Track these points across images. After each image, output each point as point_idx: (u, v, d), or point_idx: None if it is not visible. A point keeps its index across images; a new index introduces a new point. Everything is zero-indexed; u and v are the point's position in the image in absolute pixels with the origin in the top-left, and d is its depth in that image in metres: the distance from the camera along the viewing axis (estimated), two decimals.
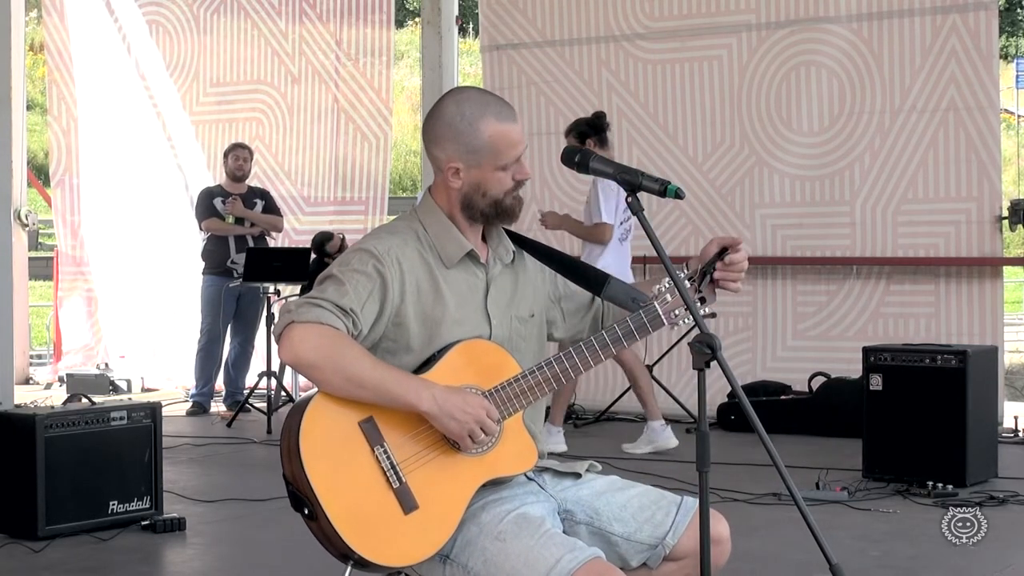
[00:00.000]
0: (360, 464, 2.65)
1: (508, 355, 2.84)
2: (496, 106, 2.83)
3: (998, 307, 8.49)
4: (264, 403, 8.79)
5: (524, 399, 2.78)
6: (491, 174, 2.82)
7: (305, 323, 2.66)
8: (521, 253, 3.00)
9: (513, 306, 2.93)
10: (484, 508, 2.73)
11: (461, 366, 2.78)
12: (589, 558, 2.61)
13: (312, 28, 10.82)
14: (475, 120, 2.79)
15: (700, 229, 9.17)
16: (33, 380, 11.81)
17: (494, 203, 2.85)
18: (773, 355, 8.97)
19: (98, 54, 11.47)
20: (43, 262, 14.60)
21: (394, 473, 2.66)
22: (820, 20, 8.81)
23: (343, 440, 2.66)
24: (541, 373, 2.79)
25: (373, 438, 2.66)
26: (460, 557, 2.70)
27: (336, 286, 2.73)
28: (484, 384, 2.77)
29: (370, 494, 2.64)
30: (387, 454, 2.66)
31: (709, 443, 2.59)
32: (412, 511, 2.65)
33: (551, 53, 9.69)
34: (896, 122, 8.59)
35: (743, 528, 4.86)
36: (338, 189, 10.79)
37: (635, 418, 8.75)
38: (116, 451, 5.49)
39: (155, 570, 5.15)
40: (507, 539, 2.65)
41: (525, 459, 2.82)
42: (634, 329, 2.81)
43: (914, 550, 5.11)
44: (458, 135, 2.81)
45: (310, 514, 2.63)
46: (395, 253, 2.79)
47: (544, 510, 2.79)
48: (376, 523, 2.63)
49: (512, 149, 2.82)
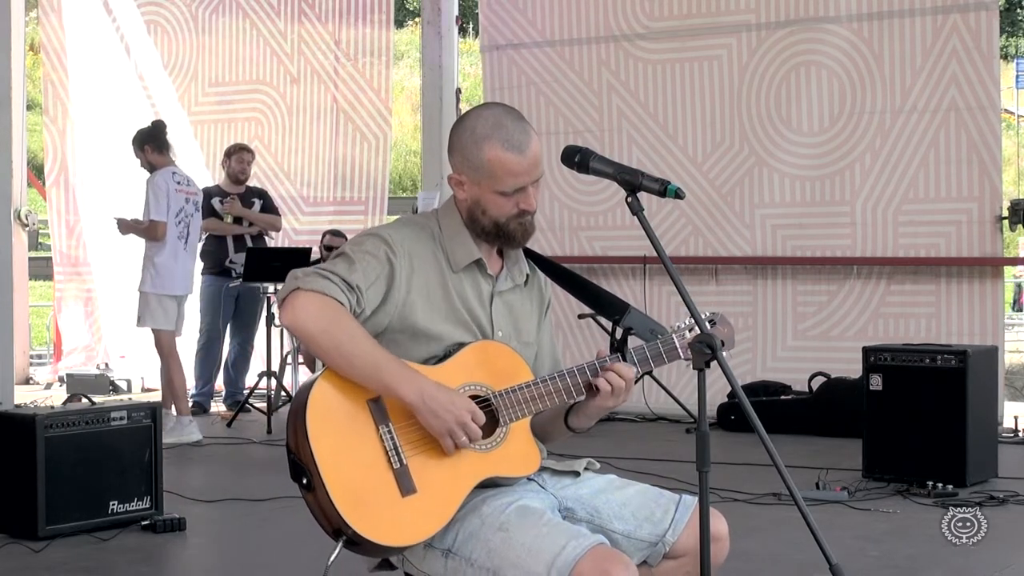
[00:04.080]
0: (363, 441, 2.66)
1: (522, 361, 2.87)
2: (508, 132, 2.79)
3: (998, 307, 8.49)
4: (264, 403, 8.79)
5: (533, 405, 2.80)
6: (490, 195, 2.82)
7: (310, 291, 2.68)
8: (534, 282, 3.02)
9: (518, 328, 2.95)
10: (485, 501, 2.73)
11: (474, 364, 2.79)
12: (594, 544, 2.62)
13: (311, 28, 10.82)
14: (481, 140, 2.79)
15: (700, 229, 9.17)
16: (33, 380, 11.82)
17: (495, 224, 2.85)
18: (773, 355, 8.97)
19: (96, 54, 11.48)
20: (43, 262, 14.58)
21: (396, 454, 2.67)
22: (820, 20, 8.81)
23: (350, 415, 2.67)
24: (553, 384, 2.81)
25: (379, 417, 2.68)
26: (463, 550, 2.70)
27: (346, 263, 2.75)
28: (495, 385, 2.79)
29: (370, 472, 2.65)
30: (391, 435, 2.68)
31: (709, 443, 2.60)
32: (409, 494, 2.66)
33: (551, 53, 9.69)
34: (896, 122, 8.59)
35: (743, 528, 4.85)
36: (338, 189, 10.79)
37: (635, 418, 8.76)
38: (116, 451, 5.48)
39: (155, 570, 5.14)
40: (511, 529, 2.66)
41: (528, 463, 2.82)
42: (650, 357, 2.88)
43: (914, 550, 5.11)
44: (464, 149, 2.83)
45: (308, 484, 2.63)
46: (408, 246, 2.81)
47: (544, 504, 2.80)
48: (372, 501, 2.64)
49: (510, 178, 2.80)
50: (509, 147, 2.78)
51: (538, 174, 2.84)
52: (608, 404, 2.85)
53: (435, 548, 2.73)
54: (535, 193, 2.85)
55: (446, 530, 2.71)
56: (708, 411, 2.63)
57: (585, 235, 9.56)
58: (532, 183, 2.83)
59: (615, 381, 2.82)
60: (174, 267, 8.18)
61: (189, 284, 8.41)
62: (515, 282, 2.97)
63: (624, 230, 9.21)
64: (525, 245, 2.95)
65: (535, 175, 2.83)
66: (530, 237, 2.91)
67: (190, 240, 8.28)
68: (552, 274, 3.08)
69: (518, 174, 2.80)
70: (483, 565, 2.66)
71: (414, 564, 2.78)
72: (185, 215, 8.23)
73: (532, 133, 2.83)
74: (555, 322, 3.11)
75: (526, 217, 2.86)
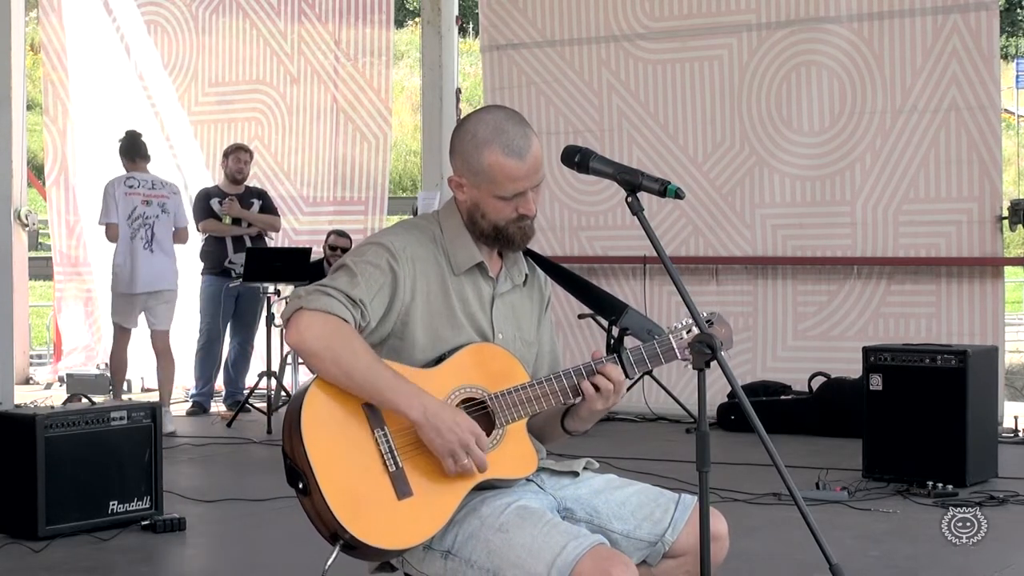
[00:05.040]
0: (359, 445, 2.66)
1: (517, 363, 2.87)
2: (509, 138, 2.79)
3: (998, 307, 8.49)
4: (264, 403, 8.79)
5: (529, 407, 2.80)
6: (488, 199, 2.83)
7: (313, 311, 2.68)
8: (534, 281, 3.02)
9: (518, 327, 2.95)
10: (484, 502, 2.73)
11: (469, 367, 2.79)
12: (593, 544, 2.62)
13: (311, 28, 10.82)
14: (481, 145, 2.79)
15: (700, 229, 9.17)
16: (33, 380, 11.82)
17: (494, 227, 2.85)
18: (773, 355, 8.97)
19: (96, 54, 11.47)
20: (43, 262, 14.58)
21: (392, 457, 2.67)
22: (821, 20, 8.81)
23: (345, 419, 2.67)
24: (549, 385, 2.81)
25: (375, 421, 2.68)
26: (462, 551, 2.70)
27: (348, 276, 2.75)
28: (491, 387, 2.78)
29: (366, 475, 2.64)
30: (387, 438, 2.68)
31: (709, 443, 2.59)
32: (406, 497, 2.65)
33: (551, 53, 9.68)
34: (897, 122, 8.59)
35: (743, 528, 4.86)
36: (338, 189, 10.79)
37: (635, 418, 8.77)
38: (116, 451, 5.48)
39: (155, 570, 5.14)
40: (510, 530, 2.66)
41: (525, 465, 2.82)
42: (647, 358, 2.88)
43: (914, 550, 5.11)
44: (464, 152, 2.83)
45: (304, 489, 2.63)
46: (410, 252, 2.81)
47: (543, 504, 2.79)
48: (368, 504, 2.63)
49: (510, 183, 2.80)
50: (509, 153, 2.78)
51: (538, 179, 2.84)
52: (597, 407, 2.84)
53: (434, 550, 2.72)
54: (535, 198, 2.85)
55: (445, 531, 2.71)
56: (708, 411, 2.63)
57: (585, 235, 9.56)
58: (532, 188, 2.83)
59: (603, 384, 2.81)
60: (129, 267, 8.61)
61: (158, 281, 8.72)
62: (515, 282, 2.97)
63: (624, 230, 9.21)
64: (525, 248, 2.95)
65: (535, 180, 2.83)
66: (529, 241, 2.92)
67: (155, 240, 8.69)
68: (552, 274, 3.08)
69: (517, 179, 2.80)
70: (483, 566, 2.66)
71: (414, 565, 2.77)
72: (140, 216, 8.66)
73: (533, 138, 2.82)
74: (555, 322, 3.11)
75: (525, 221, 2.86)
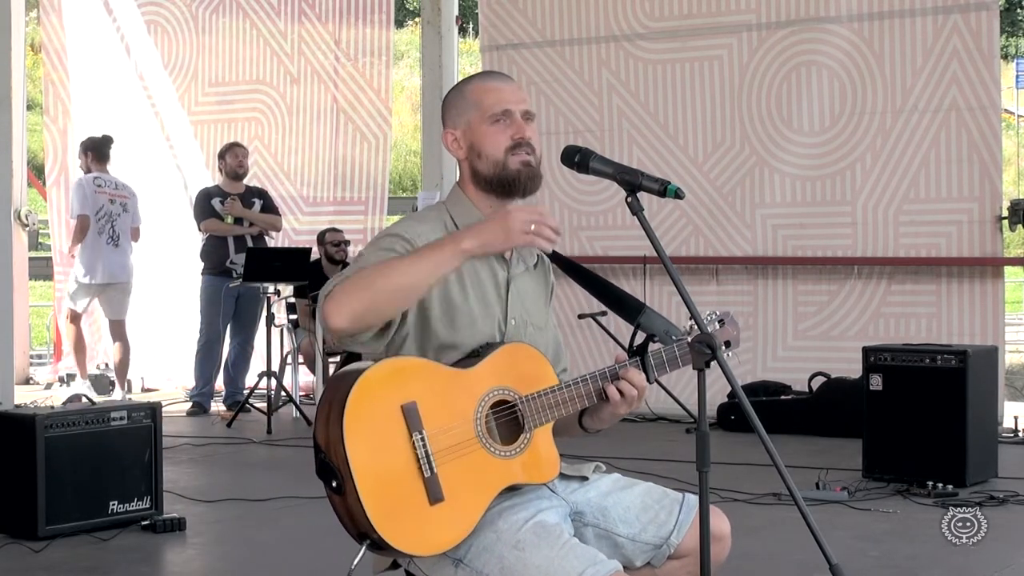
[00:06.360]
0: (397, 447, 2.63)
1: (548, 364, 2.85)
2: (487, 74, 3.00)
3: (999, 307, 8.49)
4: (264, 403, 8.78)
5: (557, 411, 2.79)
6: (480, 129, 2.85)
7: (328, 295, 2.65)
8: (542, 266, 3.01)
9: (529, 312, 2.94)
10: (500, 515, 2.70)
11: (504, 368, 2.77)
12: (611, 572, 2.59)
13: (311, 28, 10.82)
14: (462, 87, 2.94)
15: (700, 229, 9.17)
16: (33, 380, 11.81)
17: (495, 166, 2.84)
18: (773, 355, 8.97)
19: (96, 54, 11.46)
20: (43, 262, 14.58)
21: (427, 462, 2.64)
22: (821, 20, 8.81)
23: (384, 421, 2.64)
24: (576, 389, 2.80)
25: (413, 423, 2.64)
26: (475, 562, 2.67)
27: (365, 261, 2.73)
28: (522, 390, 2.77)
29: (402, 478, 2.62)
30: (424, 442, 2.64)
31: (709, 443, 2.59)
32: (437, 503, 2.63)
33: (551, 53, 9.69)
34: (897, 122, 8.59)
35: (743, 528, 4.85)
36: (338, 189, 10.79)
37: (635, 418, 8.76)
38: (116, 451, 5.48)
39: (155, 570, 5.14)
40: (526, 548, 2.63)
41: (550, 469, 2.81)
42: (666, 361, 2.88)
43: (914, 550, 5.11)
44: (449, 105, 2.93)
45: (338, 488, 2.59)
46: (424, 239, 2.79)
47: (558, 516, 2.78)
48: (402, 508, 2.61)
49: (494, 95, 2.87)
50: (488, 79, 2.96)
51: (525, 106, 2.90)
52: (620, 411, 2.84)
53: (446, 556, 2.69)
54: (529, 129, 2.87)
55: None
56: (708, 411, 2.63)
57: (585, 235, 9.56)
58: (521, 114, 2.87)
59: (627, 390, 2.81)
60: (90, 258, 9.65)
61: (118, 274, 9.79)
62: (527, 264, 2.96)
63: (624, 230, 9.21)
64: (533, 193, 2.90)
65: (521, 104, 2.89)
66: (536, 184, 2.88)
67: (117, 236, 9.73)
68: (571, 273, 3.06)
69: (502, 94, 2.88)
70: None
71: (422, 568, 2.75)
72: (106, 214, 9.72)
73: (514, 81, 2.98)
74: (555, 322, 3.10)
75: (523, 150, 2.85)
